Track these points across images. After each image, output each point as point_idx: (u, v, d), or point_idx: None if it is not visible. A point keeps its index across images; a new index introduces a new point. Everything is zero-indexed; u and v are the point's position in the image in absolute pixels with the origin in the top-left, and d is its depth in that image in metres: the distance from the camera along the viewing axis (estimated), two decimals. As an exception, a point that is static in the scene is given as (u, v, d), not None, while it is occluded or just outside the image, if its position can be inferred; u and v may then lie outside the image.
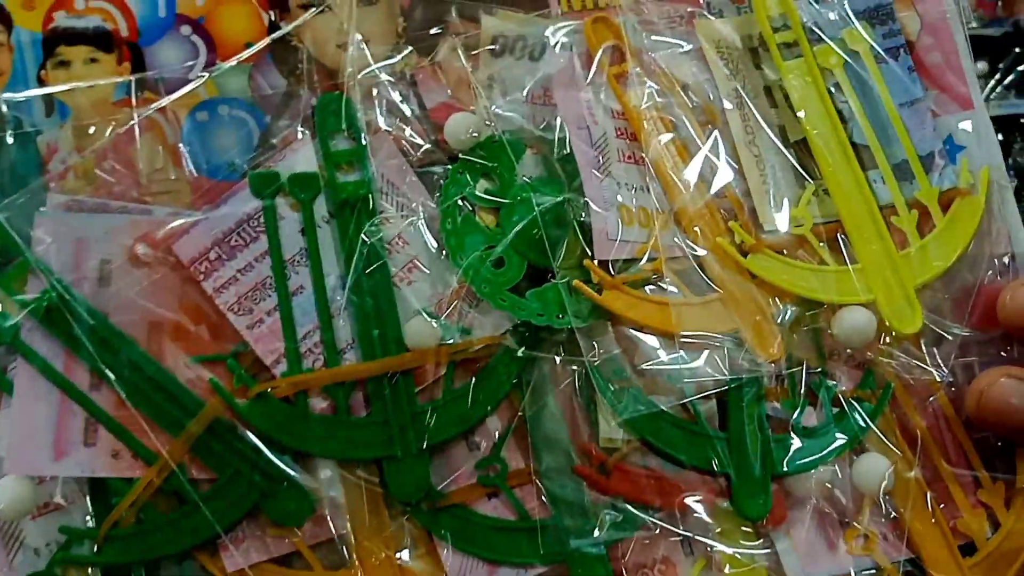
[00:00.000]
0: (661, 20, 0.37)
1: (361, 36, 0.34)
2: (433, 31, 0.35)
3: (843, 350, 0.34)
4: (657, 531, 0.32)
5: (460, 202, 0.33)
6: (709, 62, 0.36)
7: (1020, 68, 0.43)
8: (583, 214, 0.33)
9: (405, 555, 0.32)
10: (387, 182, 0.33)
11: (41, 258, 0.30)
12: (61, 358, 0.30)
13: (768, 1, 0.36)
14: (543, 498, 0.32)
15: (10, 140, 0.32)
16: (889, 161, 0.35)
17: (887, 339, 0.34)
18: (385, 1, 0.35)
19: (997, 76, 0.43)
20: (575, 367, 0.32)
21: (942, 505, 0.34)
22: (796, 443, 0.32)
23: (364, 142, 0.33)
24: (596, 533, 0.32)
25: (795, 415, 0.33)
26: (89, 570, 0.30)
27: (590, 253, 0.32)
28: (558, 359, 0.32)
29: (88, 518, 0.30)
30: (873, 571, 0.33)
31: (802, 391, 0.33)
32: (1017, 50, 0.44)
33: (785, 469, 0.33)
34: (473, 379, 0.32)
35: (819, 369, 0.34)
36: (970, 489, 0.35)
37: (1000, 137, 0.37)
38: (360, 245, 0.32)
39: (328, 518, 0.31)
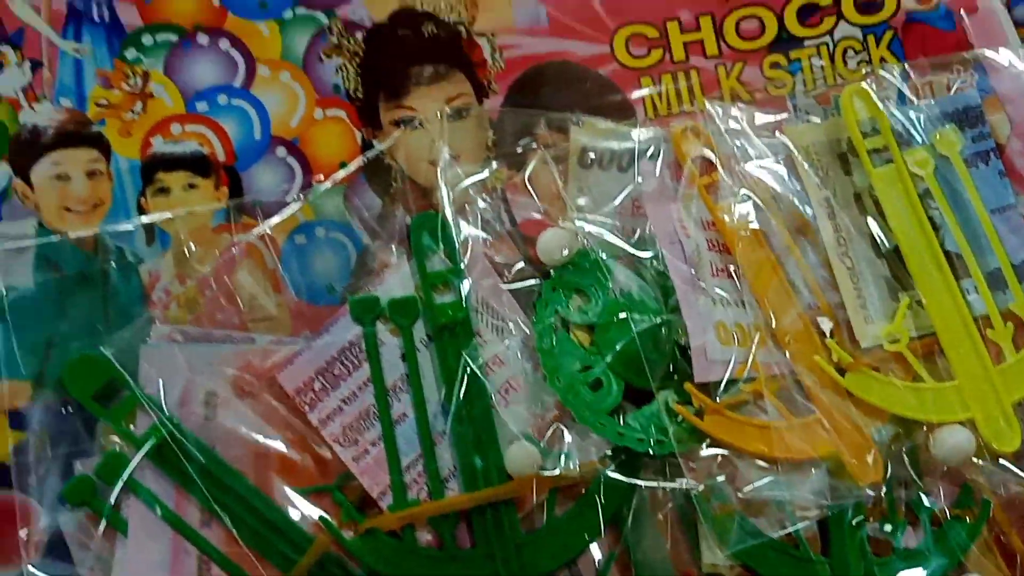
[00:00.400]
0: (749, 127, 0.36)
1: (452, 152, 0.35)
2: (522, 144, 0.35)
3: (940, 466, 0.34)
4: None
5: (555, 321, 0.33)
6: (799, 169, 0.36)
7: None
8: (681, 335, 0.33)
9: None
10: (482, 301, 0.33)
11: (149, 393, 0.30)
12: (172, 495, 0.30)
13: (856, 105, 0.36)
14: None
15: (113, 270, 0.32)
16: (982, 270, 0.35)
17: (985, 455, 0.34)
18: (474, 115, 0.35)
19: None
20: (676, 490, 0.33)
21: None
22: (900, 569, 0.32)
23: (460, 262, 0.33)
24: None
25: (896, 536, 0.33)
26: None
27: (690, 374, 0.32)
28: (659, 484, 0.32)
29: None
30: None
31: (902, 510, 0.33)
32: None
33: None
34: (575, 507, 0.32)
35: (917, 487, 0.34)
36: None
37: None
38: (460, 371, 0.32)
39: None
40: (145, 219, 0.32)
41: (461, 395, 0.32)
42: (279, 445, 0.31)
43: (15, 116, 0.32)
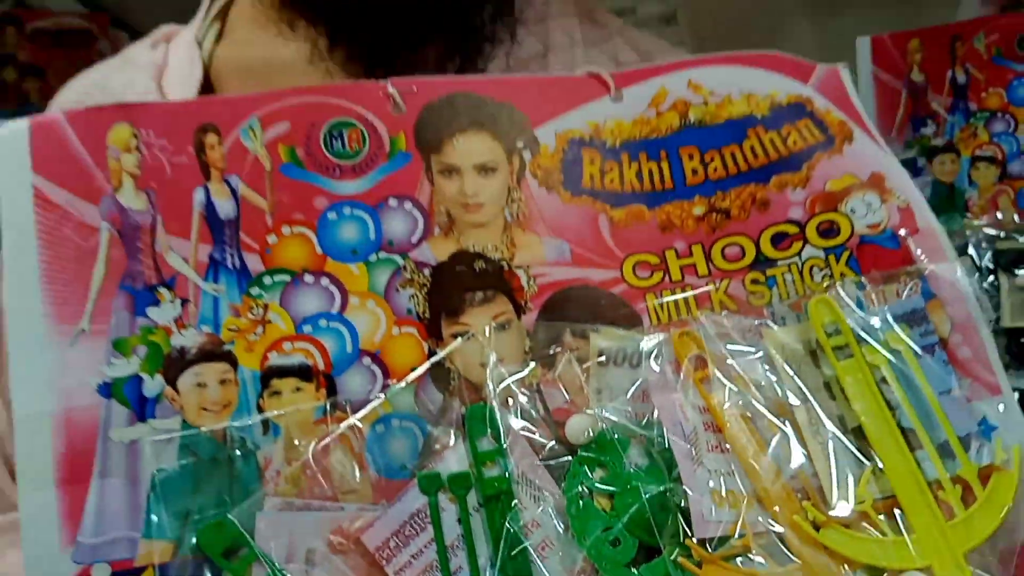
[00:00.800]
0: (735, 330, 0.46)
1: (498, 356, 0.44)
2: (552, 349, 0.45)
3: (906, 609, 0.40)
4: None
5: (581, 490, 0.42)
6: (776, 365, 0.44)
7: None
8: (682, 500, 0.41)
9: None
10: (522, 475, 0.42)
11: (263, 550, 0.39)
12: (280, 634, 0.38)
13: (822, 311, 0.45)
14: None
15: (237, 456, 0.41)
16: (933, 442, 0.43)
17: (944, 598, 0.40)
18: (515, 328, 0.45)
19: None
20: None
21: None
22: None
23: (504, 443, 0.42)
24: None
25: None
26: None
27: (690, 533, 0.40)
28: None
29: None
30: None
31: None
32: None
33: None
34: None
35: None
36: None
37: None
38: (505, 532, 0.40)
39: None
40: (262, 416, 0.42)
41: (506, 552, 0.40)
42: (364, 593, 0.39)
43: (168, 340, 0.42)
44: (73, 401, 0.40)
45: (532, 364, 0.44)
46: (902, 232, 0.48)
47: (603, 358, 0.45)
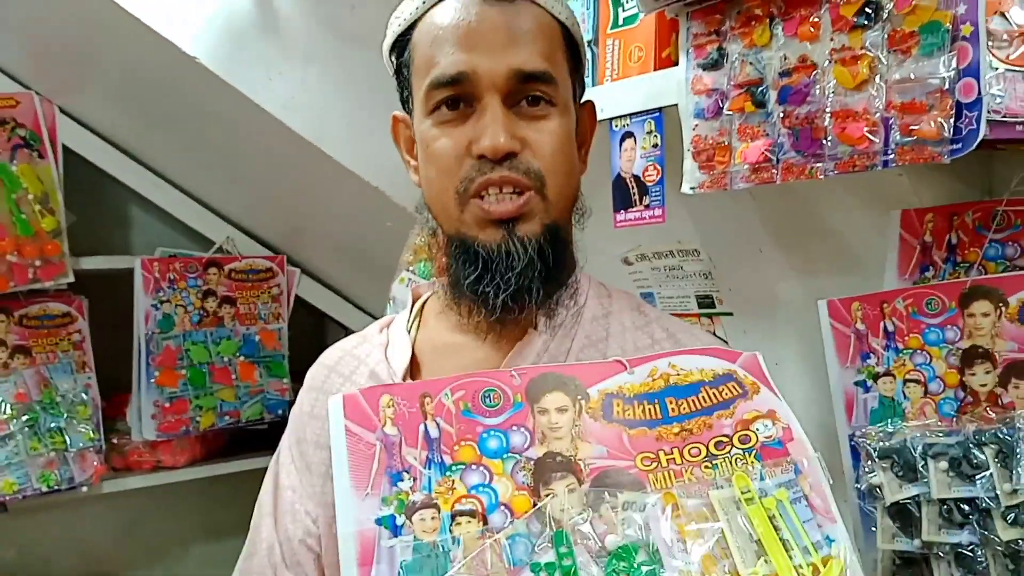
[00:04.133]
0: (693, 493, 0.84)
1: (568, 506, 0.83)
2: (598, 503, 0.84)
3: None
4: None
5: (617, 570, 0.79)
6: (717, 508, 0.82)
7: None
8: None
9: None
10: (582, 564, 0.79)
11: (454, 594, 0.77)
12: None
13: (742, 480, 0.83)
14: None
15: (441, 554, 0.80)
16: (799, 546, 0.79)
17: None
18: (578, 492, 0.84)
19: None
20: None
21: None
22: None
23: (573, 550, 0.80)
24: None
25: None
26: None
27: (668, 585, 0.76)
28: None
29: None
30: None
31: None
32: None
33: None
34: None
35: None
36: None
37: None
38: (574, 586, 0.77)
39: None
40: (453, 535, 0.81)
41: (575, 596, 0.76)
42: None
43: (408, 497, 0.83)
44: (363, 526, 0.81)
45: (589, 510, 0.83)
46: (784, 440, 0.87)
47: (625, 506, 0.83)
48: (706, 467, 0.85)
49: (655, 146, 1.31)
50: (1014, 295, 1.10)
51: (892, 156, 1.01)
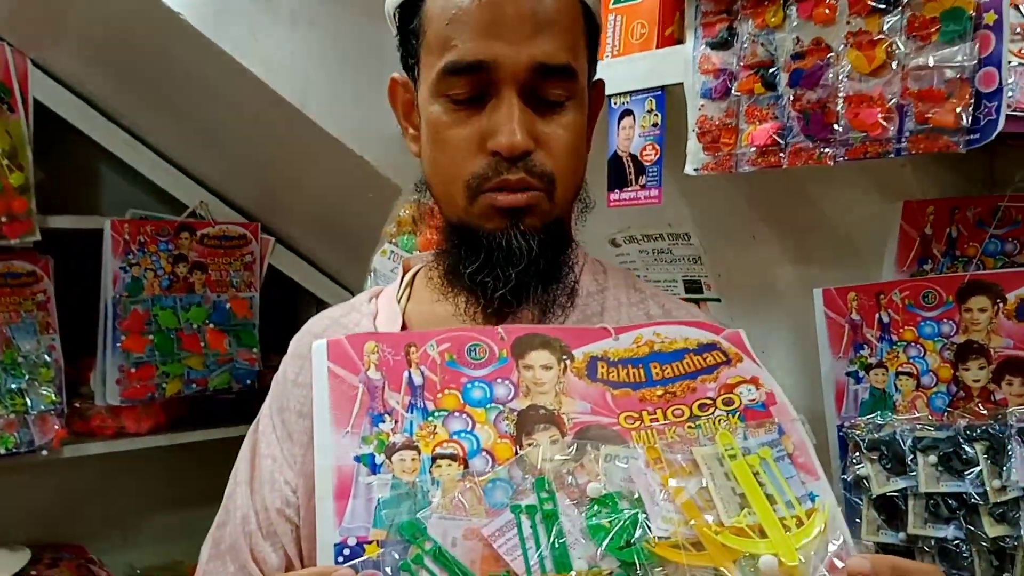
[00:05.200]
0: (678, 450, 0.84)
1: (548, 456, 0.82)
2: (580, 453, 0.83)
3: (766, 578, 0.75)
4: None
5: (596, 516, 0.78)
6: (700, 464, 0.82)
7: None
8: (648, 521, 0.77)
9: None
10: (562, 510, 0.79)
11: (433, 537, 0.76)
12: None
13: (726, 438, 0.83)
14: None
15: (419, 493, 0.79)
16: (783, 499, 0.79)
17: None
18: (560, 443, 0.84)
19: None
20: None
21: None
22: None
23: (555, 496, 0.79)
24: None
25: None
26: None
27: (652, 533, 0.76)
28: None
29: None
30: None
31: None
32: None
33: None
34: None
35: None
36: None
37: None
38: (552, 533, 0.76)
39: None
40: (432, 476, 0.80)
41: (552, 543, 0.76)
42: None
43: (388, 438, 0.81)
44: (342, 461, 0.79)
45: (568, 459, 0.82)
46: (768, 404, 0.87)
47: (607, 457, 0.83)
48: (689, 427, 0.85)
49: (655, 125, 1.30)
50: (1013, 291, 1.10)
51: (905, 144, 1.01)
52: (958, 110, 0.94)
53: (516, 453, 0.81)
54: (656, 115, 1.30)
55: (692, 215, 1.54)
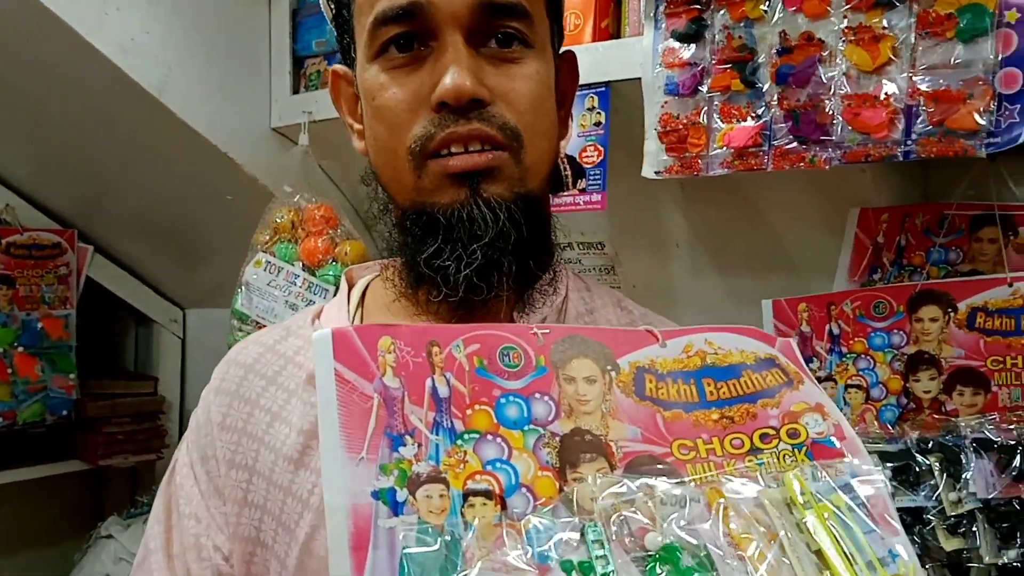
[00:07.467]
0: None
1: (599, 494, 0.69)
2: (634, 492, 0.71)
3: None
4: None
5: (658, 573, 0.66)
6: (768, 510, 0.71)
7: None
8: (719, 583, 0.65)
9: None
10: (620, 565, 0.66)
11: (472, 597, 0.62)
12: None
13: (794, 481, 0.72)
14: None
15: (449, 541, 0.65)
16: (863, 560, 0.69)
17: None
18: (610, 478, 0.71)
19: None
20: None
21: None
22: None
23: (607, 548, 0.66)
24: None
25: None
26: None
27: (725, 602, 0.64)
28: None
29: None
30: None
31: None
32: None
33: None
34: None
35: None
36: None
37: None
38: (615, 595, 0.64)
39: None
40: (464, 519, 0.66)
41: (615, 608, 0.63)
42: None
43: (411, 468, 0.67)
44: (358, 499, 0.64)
45: (619, 501, 0.70)
46: (836, 438, 0.77)
47: (663, 500, 0.71)
48: (749, 462, 0.73)
49: (597, 124, 1.16)
50: (963, 300, 1.08)
51: (913, 147, 0.93)
52: (979, 112, 0.87)
53: (560, 491, 0.68)
54: (599, 113, 1.17)
55: (610, 222, 1.42)
